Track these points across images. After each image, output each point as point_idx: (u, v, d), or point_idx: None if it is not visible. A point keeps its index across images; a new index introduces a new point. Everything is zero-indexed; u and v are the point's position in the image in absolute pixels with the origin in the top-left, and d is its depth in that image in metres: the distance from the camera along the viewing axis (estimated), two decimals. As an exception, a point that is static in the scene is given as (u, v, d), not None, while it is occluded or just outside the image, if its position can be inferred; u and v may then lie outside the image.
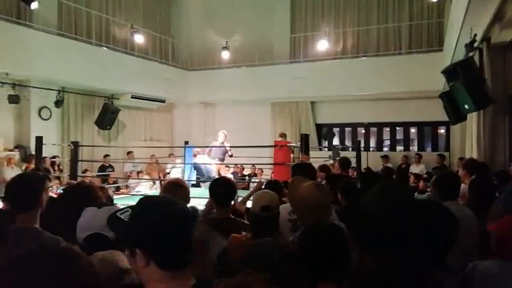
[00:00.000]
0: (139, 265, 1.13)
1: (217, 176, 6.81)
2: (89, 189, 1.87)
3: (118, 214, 1.14)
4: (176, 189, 2.46)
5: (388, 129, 12.43)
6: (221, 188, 2.69)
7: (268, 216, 2.15)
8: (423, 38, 10.86)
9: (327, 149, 11.73)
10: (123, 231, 1.16)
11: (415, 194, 7.00)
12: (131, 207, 1.18)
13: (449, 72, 5.31)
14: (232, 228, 2.43)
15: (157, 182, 9.47)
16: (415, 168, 10.11)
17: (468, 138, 7.37)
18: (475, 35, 5.07)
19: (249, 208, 3.59)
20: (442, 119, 9.27)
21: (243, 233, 2.27)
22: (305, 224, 2.12)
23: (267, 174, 10.55)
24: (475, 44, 5.14)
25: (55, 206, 1.91)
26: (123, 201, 5.55)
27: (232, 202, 2.97)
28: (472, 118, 6.45)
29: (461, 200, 3.28)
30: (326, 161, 6.93)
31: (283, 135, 8.07)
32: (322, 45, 11.06)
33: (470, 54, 5.23)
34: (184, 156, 9.00)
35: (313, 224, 1.71)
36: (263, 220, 2.15)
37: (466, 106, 5.14)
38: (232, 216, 2.74)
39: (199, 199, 4.36)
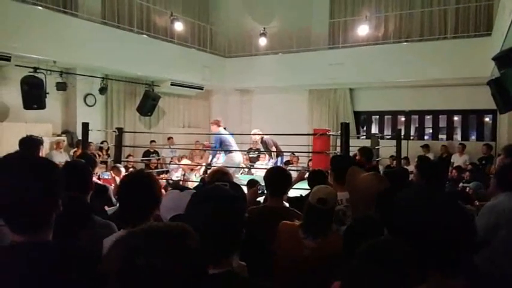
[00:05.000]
0: None
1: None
2: (149, 176, 1.97)
3: None
4: (222, 176, 2.56)
5: (430, 117, 12.02)
6: (276, 178, 2.72)
7: (322, 209, 2.17)
8: (470, 22, 10.32)
9: (365, 137, 11.52)
10: None
11: (460, 184, 6.79)
12: None
13: (501, 59, 5.05)
14: (289, 216, 2.47)
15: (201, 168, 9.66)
16: (457, 159, 9.74)
17: (518, 128, 7.02)
18: (531, 18, 4.78)
19: (289, 197, 3.62)
20: (488, 107, 8.88)
21: (295, 221, 2.31)
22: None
23: (303, 162, 10.51)
24: (530, 29, 4.85)
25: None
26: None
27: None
28: (523, 107, 6.14)
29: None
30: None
31: (216, 123, 7.45)
32: (363, 30, 10.75)
33: (525, 39, 4.95)
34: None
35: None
36: (317, 212, 2.18)
37: (518, 94, 4.89)
38: (286, 205, 2.78)
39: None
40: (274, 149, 8.04)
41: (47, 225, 1.26)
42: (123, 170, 4.50)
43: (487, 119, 11.45)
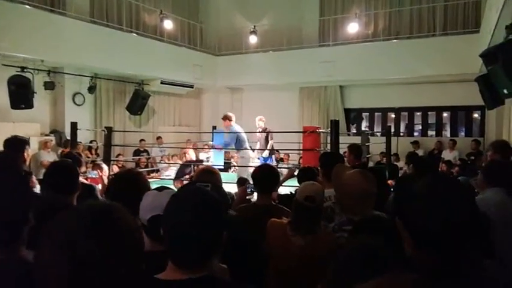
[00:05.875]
0: None
1: None
2: (138, 176, 1.98)
3: None
4: (210, 176, 2.53)
5: (419, 113, 12.12)
6: (264, 175, 2.72)
7: (310, 207, 2.17)
8: (459, 19, 10.40)
9: (355, 134, 11.57)
10: None
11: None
12: None
13: (488, 55, 5.08)
14: (277, 213, 2.47)
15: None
16: (447, 155, 9.85)
17: (505, 124, 7.11)
18: (517, 15, 4.82)
19: (280, 195, 3.62)
20: (476, 103, 8.96)
21: (284, 218, 2.31)
22: (350, 213, 2.13)
23: (294, 160, 10.54)
24: (517, 25, 4.88)
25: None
26: (152, 185, 5.68)
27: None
28: (511, 103, 6.20)
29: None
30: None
31: (228, 118, 7.53)
32: (353, 27, 10.80)
33: (511, 36, 4.98)
34: (212, 141, 9.11)
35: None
36: (305, 209, 2.18)
37: (505, 91, 4.91)
38: (274, 203, 2.78)
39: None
40: (272, 141, 8.20)
41: (20, 241, 1.21)
42: (105, 167, 4.48)
43: (475, 115, 11.57)
